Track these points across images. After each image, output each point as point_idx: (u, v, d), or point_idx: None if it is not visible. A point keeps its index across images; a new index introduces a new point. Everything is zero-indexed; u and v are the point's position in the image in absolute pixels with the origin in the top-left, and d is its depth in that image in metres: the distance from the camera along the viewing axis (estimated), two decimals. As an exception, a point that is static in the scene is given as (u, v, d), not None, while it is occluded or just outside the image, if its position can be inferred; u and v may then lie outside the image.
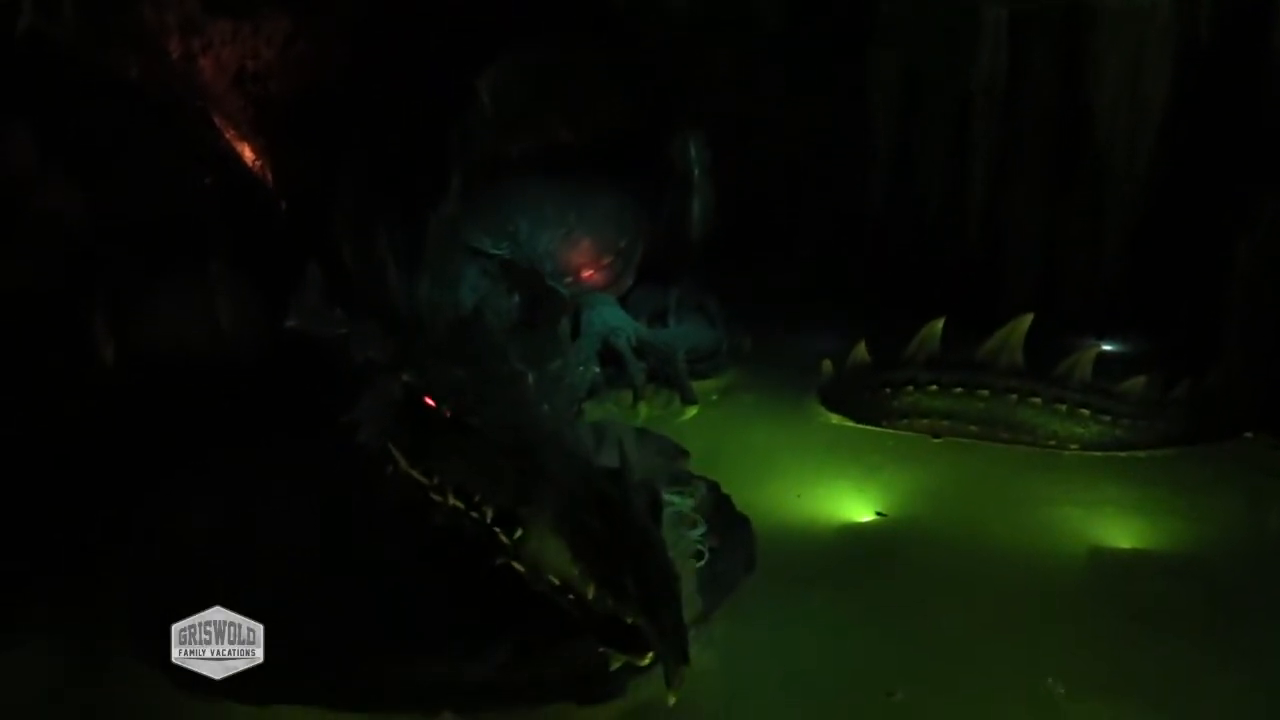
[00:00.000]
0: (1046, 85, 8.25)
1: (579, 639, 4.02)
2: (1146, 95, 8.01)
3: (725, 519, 5.26)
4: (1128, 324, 8.10)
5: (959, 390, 6.69)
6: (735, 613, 4.69)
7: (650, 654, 3.70)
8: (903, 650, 4.54)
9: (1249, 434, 6.62)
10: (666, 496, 5.15)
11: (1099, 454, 6.51)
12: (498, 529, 4.08)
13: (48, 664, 4.57)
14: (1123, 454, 6.49)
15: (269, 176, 8.01)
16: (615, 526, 3.74)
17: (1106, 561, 5.39)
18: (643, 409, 7.30)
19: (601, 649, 3.81)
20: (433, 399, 4.52)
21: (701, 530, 4.93)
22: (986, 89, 8.42)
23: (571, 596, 3.86)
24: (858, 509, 5.89)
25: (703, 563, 4.70)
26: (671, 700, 3.51)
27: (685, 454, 5.95)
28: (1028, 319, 6.58)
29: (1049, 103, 8.30)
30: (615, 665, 3.84)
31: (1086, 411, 6.52)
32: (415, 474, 4.49)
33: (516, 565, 4.06)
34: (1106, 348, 7.48)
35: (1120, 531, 5.63)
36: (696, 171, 8.54)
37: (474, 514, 4.19)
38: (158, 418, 5.75)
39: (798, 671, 4.41)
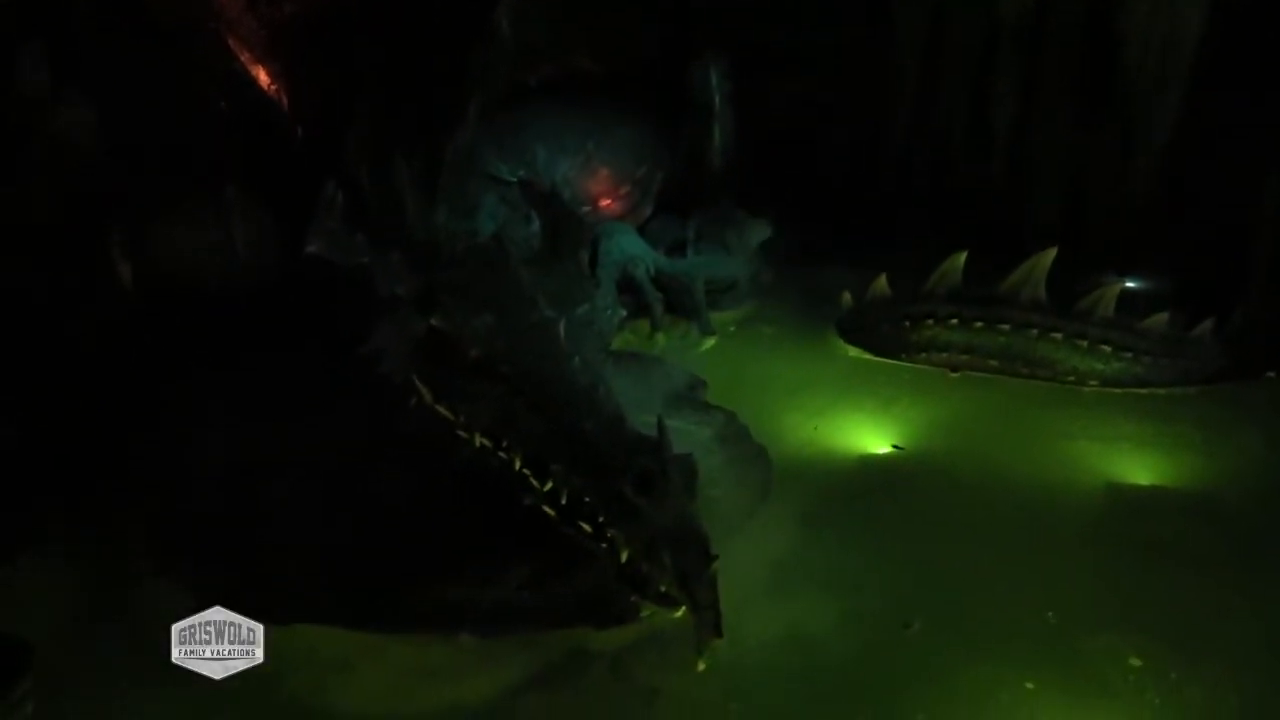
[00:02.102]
0: (1076, 13, 8.03)
1: (596, 565, 4.06)
2: (1180, 25, 7.78)
3: (742, 448, 5.28)
4: (1152, 261, 7.98)
5: (979, 324, 6.63)
6: (749, 542, 4.72)
7: (681, 609, 3.75)
8: (918, 582, 4.58)
9: (1271, 374, 6.54)
10: (684, 424, 5.20)
11: (1118, 391, 6.46)
12: (527, 472, 4.10)
13: (66, 585, 4.64)
14: (1142, 391, 6.43)
15: (285, 101, 7.92)
16: (654, 501, 3.74)
17: (1123, 497, 5.38)
18: (660, 339, 7.28)
19: (633, 598, 3.86)
20: (461, 344, 4.48)
21: (719, 459, 4.95)
22: (1015, 16, 8.21)
23: (604, 545, 3.89)
24: (874, 441, 5.88)
25: (719, 490, 4.73)
26: (701, 667, 3.58)
27: (703, 384, 5.95)
28: (1051, 253, 6.50)
29: (1079, 32, 8.09)
30: (645, 612, 3.91)
31: (1107, 348, 6.46)
32: (440, 410, 4.49)
33: (546, 510, 4.08)
34: (1130, 285, 7.38)
35: (1137, 468, 5.61)
36: (717, 100, 8.43)
37: (502, 454, 4.20)
38: (174, 340, 5.76)
39: (812, 601, 4.44)
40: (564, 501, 4.03)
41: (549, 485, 4.05)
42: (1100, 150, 8.37)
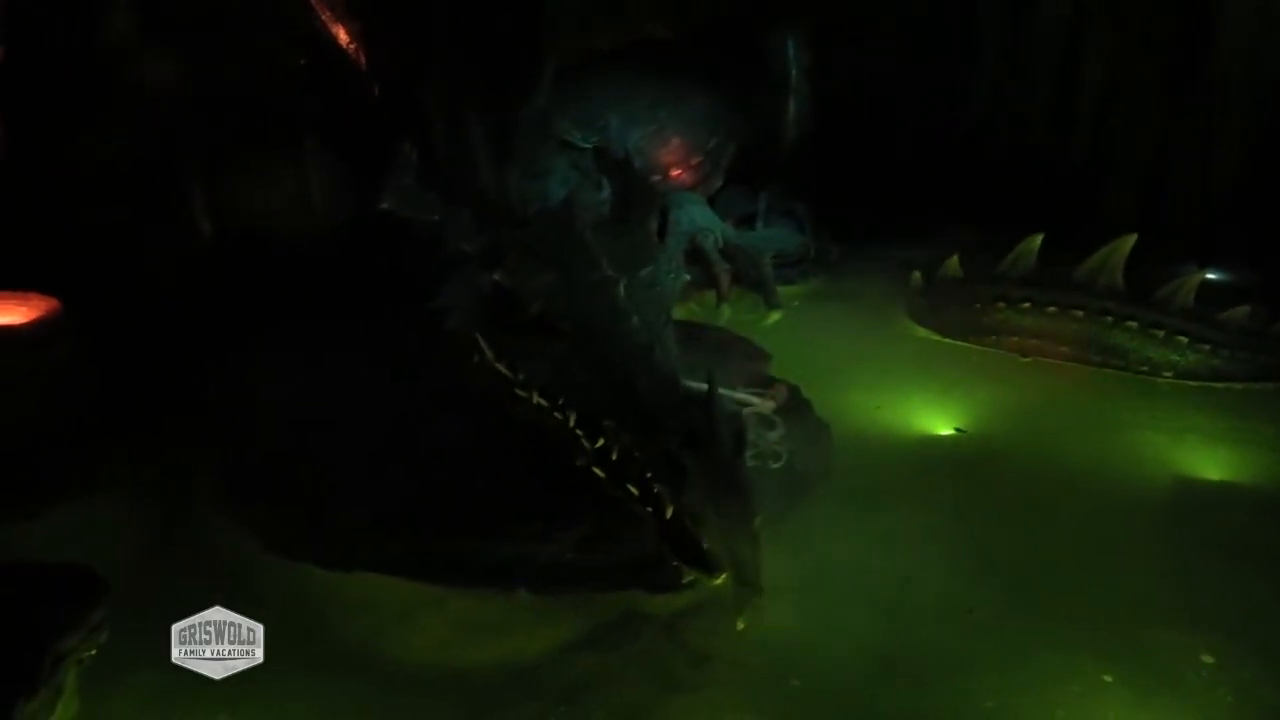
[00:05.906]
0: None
1: (648, 530, 4.06)
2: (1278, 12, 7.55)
3: (804, 424, 5.25)
4: (1234, 252, 7.77)
5: (1052, 309, 6.50)
6: (809, 517, 4.69)
7: (722, 575, 3.74)
8: (978, 568, 4.50)
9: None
10: (746, 396, 5.18)
11: (1193, 383, 6.32)
12: (580, 433, 4.12)
13: (138, 523, 4.76)
14: (1218, 385, 6.28)
15: (363, 60, 7.98)
16: (701, 459, 3.71)
17: (1192, 492, 5.27)
18: (726, 311, 7.25)
19: (675, 563, 3.85)
20: (523, 300, 4.50)
21: (780, 432, 4.92)
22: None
23: (650, 509, 3.89)
24: (937, 423, 5.82)
25: (780, 464, 4.72)
26: (740, 626, 3.59)
27: (767, 357, 5.92)
28: (1131, 239, 6.35)
29: (1172, 13, 7.86)
30: (687, 579, 3.88)
31: (1184, 339, 6.30)
32: (500, 367, 4.52)
33: (597, 470, 4.09)
34: (1211, 276, 7.20)
35: (1207, 462, 5.49)
36: (794, 72, 8.34)
37: (557, 414, 4.21)
38: (248, 288, 5.87)
39: (867, 580, 4.40)
40: (614, 459, 4.02)
41: (600, 442, 4.04)
42: (1185, 136, 8.18)
